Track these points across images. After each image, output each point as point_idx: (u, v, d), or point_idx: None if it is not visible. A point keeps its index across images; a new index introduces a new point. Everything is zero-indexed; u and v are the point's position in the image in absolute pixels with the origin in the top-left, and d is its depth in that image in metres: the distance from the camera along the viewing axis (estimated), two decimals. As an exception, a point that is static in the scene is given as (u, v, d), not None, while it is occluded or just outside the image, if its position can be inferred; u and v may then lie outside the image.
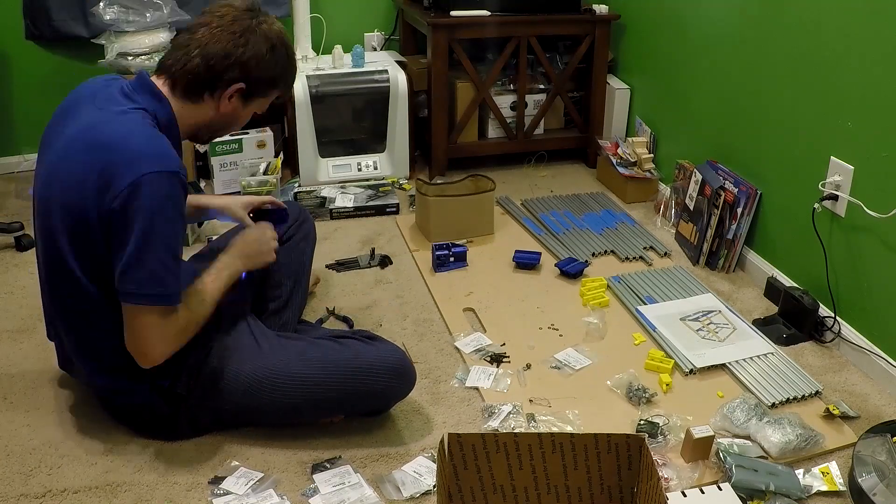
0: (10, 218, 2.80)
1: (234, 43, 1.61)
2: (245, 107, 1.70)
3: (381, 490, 1.65)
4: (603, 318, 2.25)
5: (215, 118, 1.68)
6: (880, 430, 1.77)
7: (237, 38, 1.61)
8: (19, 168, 3.30)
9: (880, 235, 2.03)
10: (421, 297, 2.40)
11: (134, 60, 2.84)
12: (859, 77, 2.06)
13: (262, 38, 1.64)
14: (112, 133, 1.51)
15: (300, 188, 3.10)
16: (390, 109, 3.19)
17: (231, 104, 1.67)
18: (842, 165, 2.14)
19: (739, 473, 1.64)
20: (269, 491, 1.63)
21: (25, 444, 1.77)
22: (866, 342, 2.09)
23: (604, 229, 2.83)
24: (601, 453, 1.42)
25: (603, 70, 3.33)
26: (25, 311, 2.30)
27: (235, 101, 1.67)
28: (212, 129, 1.73)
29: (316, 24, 3.36)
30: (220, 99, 1.65)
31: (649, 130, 3.18)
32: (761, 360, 2.09)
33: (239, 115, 1.71)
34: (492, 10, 3.12)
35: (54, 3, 3.09)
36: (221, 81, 1.62)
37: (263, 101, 1.74)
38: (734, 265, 2.59)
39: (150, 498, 1.63)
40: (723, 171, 2.64)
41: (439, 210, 2.70)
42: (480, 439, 1.41)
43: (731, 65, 2.63)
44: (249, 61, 1.62)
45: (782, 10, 2.34)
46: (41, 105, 3.26)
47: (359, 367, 1.72)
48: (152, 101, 1.61)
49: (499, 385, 1.98)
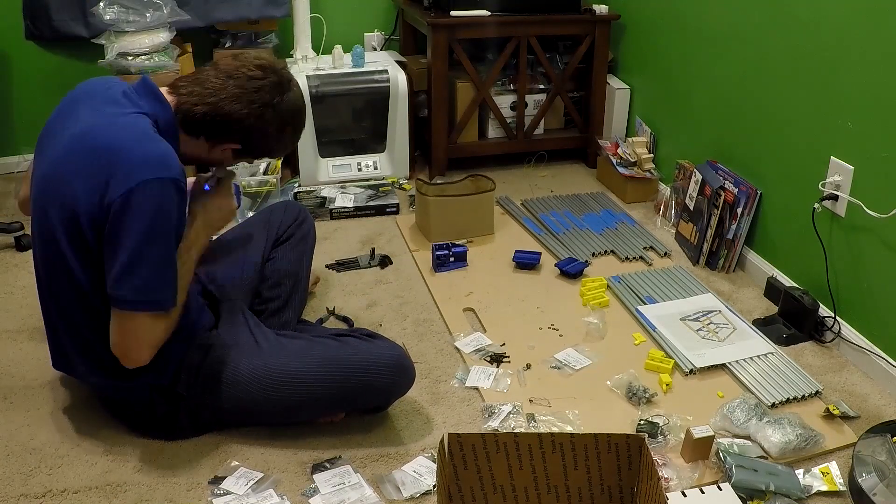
0: (10, 218, 2.80)
1: (249, 112, 1.64)
2: (234, 159, 1.76)
3: (381, 490, 1.65)
4: (603, 318, 2.25)
5: (203, 156, 1.72)
6: (880, 430, 1.76)
7: (254, 107, 1.64)
8: (19, 168, 3.31)
9: (880, 235, 2.03)
10: (421, 297, 2.41)
11: (134, 60, 2.83)
12: (859, 77, 2.06)
13: (276, 118, 1.67)
14: (111, 137, 1.51)
15: (300, 188, 3.10)
16: (390, 109, 3.19)
17: (223, 154, 1.72)
18: (842, 165, 2.14)
19: (739, 473, 1.64)
20: (269, 491, 1.63)
21: (25, 444, 1.77)
22: (866, 342, 2.09)
23: (604, 229, 2.83)
24: (601, 453, 1.42)
25: (603, 70, 3.33)
26: (25, 311, 2.30)
27: (227, 153, 1.72)
28: (198, 161, 1.77)
29: (316, 24, 3.36)
30: (213, 146, 1.69)
31: (649, 130, 3.18)
32: (761, 360, 2.09)
33: (226, 162, 1.77)
34: (492, 10, 3.12)
35: (54, 3, 3.09)
36: (220, 136, 1.66)
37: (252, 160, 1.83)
38: (734, 265, 2.59)
39: (150, 498, 1.63)
40: (723, 171, 2.64)
41: (439, 210, 2.70)
42: (480, 439, 1.41)
43: (731, 65, 2.63)
44: (254, 133, 1.67)
45: (782, 11, 2.34)
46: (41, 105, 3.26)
47: (358, 363, 1.72)
48: (155, 105, 1.61)
49: (499, 385, 1.98)
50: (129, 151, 1.49)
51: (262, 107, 1.64)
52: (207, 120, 1.62)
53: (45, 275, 1.64)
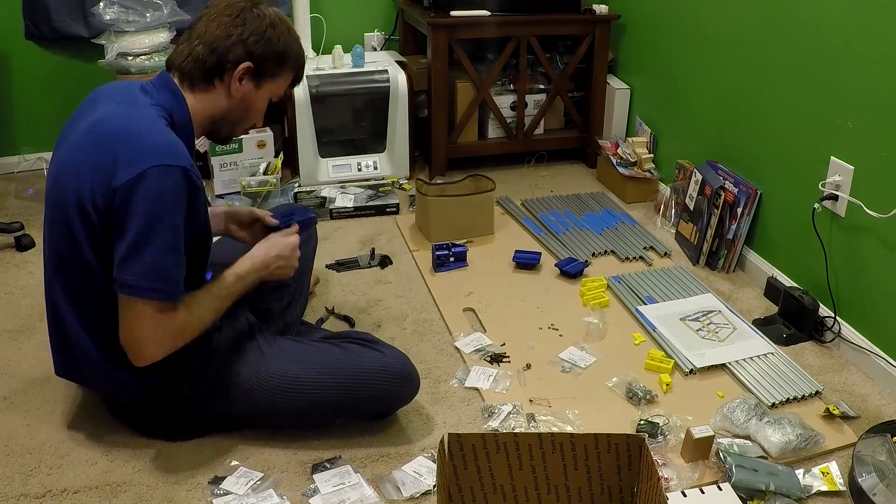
0: (10, 218, 2.81)
1: (232, 23, 1.61)
2: (257, 89, 1.68)
3: (381, 490, 1.65)
4: (603, 318, 2.25)
5: (230, 106, 1.67)
6: (880, 430, 1.76)
7: (234, 18, 1.62)
8: (19, 168, 3.31)
9: (880, 235, 2.03)
10: (421, 297, 2.40)
11: (134, 60, 2.83)
12: (859, 77, 2.06)
13: (258, 17, 1.64)
14: (123, 125, 1.52)
15: (300, 188, 3.10)
16: (390, 109, 3.19)
17: (242, 87, 1.65)
18: (842, 165, 2.14)
19: (739, 473, 1.64)
20: (269, 491, 1.63)
21: (25, 444, 1.77)
22: (866, 342, 2.09)
23: (604, 229, 2.83)
24: (601, 453, 1.42)
25: (603, 70, 3.33)
26: (25, 311, 2.30)
27: (247, 84, 1.65)
28: (229, 120, 1.70)
29: (316, 24, 3.36)
30: (230, 83, 1.63)
31: (649, 130, 3.18)
32: (761, 360, 2.09)
33: (253, 99, 1.69)
34: (492, 10, 3.12)
35: (54, 3, 3.10)
36: (227, 63, 1.62)
37: (276, 84, 1.71)
38: (734, 265, 2.59)
39: (150, 498, 1.63)
40: (723, 171, 2.64)
41: (439, 210, 2.70)
42: (480, 439, 1.41)
43: (731, 65, 2.63)
44: (250, 38, 1.62)
45: (782, 10, 2.34)
46: (41, 105, 3.28)
47: (362, 371, 1.72)
48: (170, 99, 1.61)
49: (499, 385, 1.98)
50: (137, 137, 1.49)
51: (241, 13, 1.62)
52: (208, 54, 1.60)
53: (56, 260, 1.62)
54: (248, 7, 1.64)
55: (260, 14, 1.64)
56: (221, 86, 1.64)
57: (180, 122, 1.61)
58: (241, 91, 1.65)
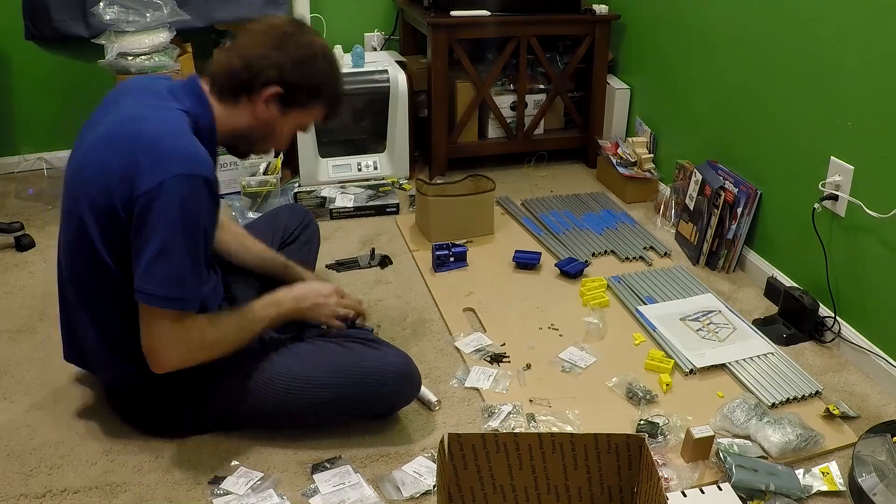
0: (10, 218, 2.80)
1: (274, 45, 1.59)
2: (283, 115, 1.64)
3: (381, 490, 1.65)
4: (603, 318, 2.25)
5: (252, 125, 1.64)
6: (880, 430, 1.76)
7: (276, 41, 1.59)
8: (19, 168, 3.31)
9: (880, 235, 2.03)
10: (421, 297, 2.40)
11: (134, 60, 2.83)
12: (859, 77, 2.06)
13: (302, 45, 1.61)
14: (148, 129, 1.50)
15: (300, 188, 3.10)
16: (390, 109, 3.19)
17: (268, 110, 1.62)
18: (842, 165, 2.14)
19: (739, 473, 1.64)
20: (269, 491, 1.63)
21: (25, 444, 1.77)
22: (866, 342, 2.09)
23: (604, 229, 2.83)
24: (601, 453, 1.42)
25: (603, 70, 3.33)
26: (25, 311, 2.30)
27: (273, 108, 1.62)
28: (249, 139, 1.68)
29: (316, 24, 3.36)
30: (256, 103, 1.61)
31: (649, 130, 3.18)
32: (761, 360, 2.09)
33: (276, 123, 1.65)
34: (492, 10, 3.12)
35: (54, 3, 3.09)
36: (258, 83, 1.59)
37: (304, 115, 1.67)
38: (734, 265, 2.59)
39: (150, 498, 1.63)
40: (723, 171, 2.64)
41: (439, 210, 2.70)
42: (480, 439, 1.41)
43: (731, 65, 2.63)
44: (286, 64, 1.59)
45: (782, 10, 2.34)
46: (41, 105, 3.28)
47: (363, 371, 1.73)
48: (196, 105, 1.59)
49: (499, 385, 1.98)
50: (161, 144, 1.48)
51: (285, 37, 1.59)
52: (241, 69, 1.58)
53: (70, 259, 1.62)
54: (294, 33, 1.61)
55: (305, 43, 1.62)
56: (248, 104, 1.62)
57: (205, 129, 1.59)
58: (266, 114, 1.63)
